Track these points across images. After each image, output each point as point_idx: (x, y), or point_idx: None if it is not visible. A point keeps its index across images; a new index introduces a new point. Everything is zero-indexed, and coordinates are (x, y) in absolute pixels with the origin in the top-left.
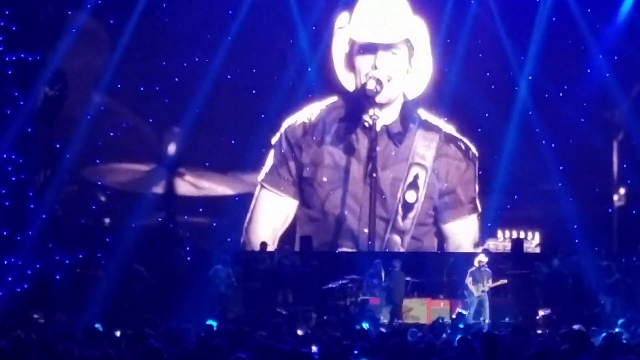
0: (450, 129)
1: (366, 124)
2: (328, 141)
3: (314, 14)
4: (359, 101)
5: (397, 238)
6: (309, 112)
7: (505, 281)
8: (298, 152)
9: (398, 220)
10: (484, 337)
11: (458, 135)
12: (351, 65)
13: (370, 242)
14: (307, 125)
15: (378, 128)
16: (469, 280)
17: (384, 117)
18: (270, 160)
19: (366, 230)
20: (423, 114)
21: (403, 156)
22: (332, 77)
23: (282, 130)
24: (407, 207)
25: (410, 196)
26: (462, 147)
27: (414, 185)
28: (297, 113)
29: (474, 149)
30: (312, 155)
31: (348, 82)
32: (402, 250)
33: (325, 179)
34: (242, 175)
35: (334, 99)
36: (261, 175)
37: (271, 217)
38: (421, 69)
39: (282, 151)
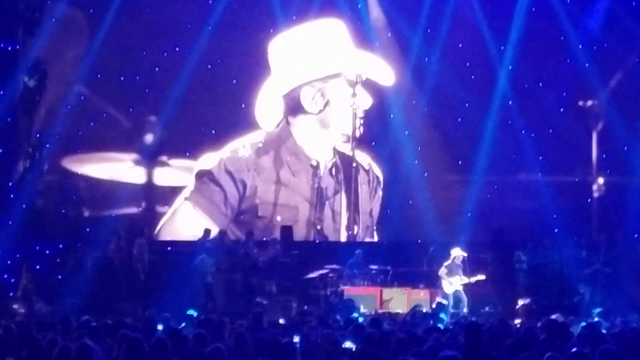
0: (362, 156)
1: (313, 163)
2: (276, 179)
3: (294, 2)
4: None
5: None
6: (242, 147)
7: (483, 277)
8: (242, 188)
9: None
10: (468, 327)
11: (368, 164)
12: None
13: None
14: (248, 161)
15: (324, 165)
16: (443, 271)
17: (330, 153)
18: (200, 182)
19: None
20: (339, 146)
21: (338, 189)
22: None
23: (217, 162)
24: (351, 239)
25: (353, 229)
26: (374, 175)
27: (353, 219)
28: (230, 145)
29: (380, 176)
30: (263, 193)
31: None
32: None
33: (279, 219)
34: None
35: (261, 133)
36: (187, 192)
37: (190, 233)
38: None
39: (221, 182)
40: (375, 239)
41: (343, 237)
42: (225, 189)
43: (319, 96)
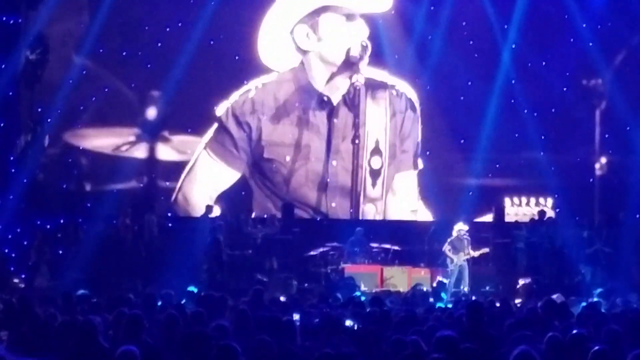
0: (393, 80)
1: (325, 98)
2: (285, 119)
3: None
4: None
5: (370, 207)
6: (254, 88)
7: (487, 250)
8: (248, 130)
9: (368, 188)
10: (470, 305)
11: (402, 86)
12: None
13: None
14: (255, 102)
15: (337, 99)
16: (447, 248)
17: (342, 86)
18: (215, 130)
19: (334, 205)
20: (365, 70)
21: (360, 122)
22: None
23: (227, 106)
24: (375, 173)
25: (376, 162)
26: (408, 98)
27: (376, 150)
28: (240, 89)
29: (415, 97)
30: (269, 134)
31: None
32: (377, 217)
33: (288, 159)
34: None
35: (275, 74)
36: (205, 139)
37: (210, 181)
38: None
39: (229, 127)
40: (419, 167)
41: (367, 171)
42: (233, 134)
43: (312, 33)
